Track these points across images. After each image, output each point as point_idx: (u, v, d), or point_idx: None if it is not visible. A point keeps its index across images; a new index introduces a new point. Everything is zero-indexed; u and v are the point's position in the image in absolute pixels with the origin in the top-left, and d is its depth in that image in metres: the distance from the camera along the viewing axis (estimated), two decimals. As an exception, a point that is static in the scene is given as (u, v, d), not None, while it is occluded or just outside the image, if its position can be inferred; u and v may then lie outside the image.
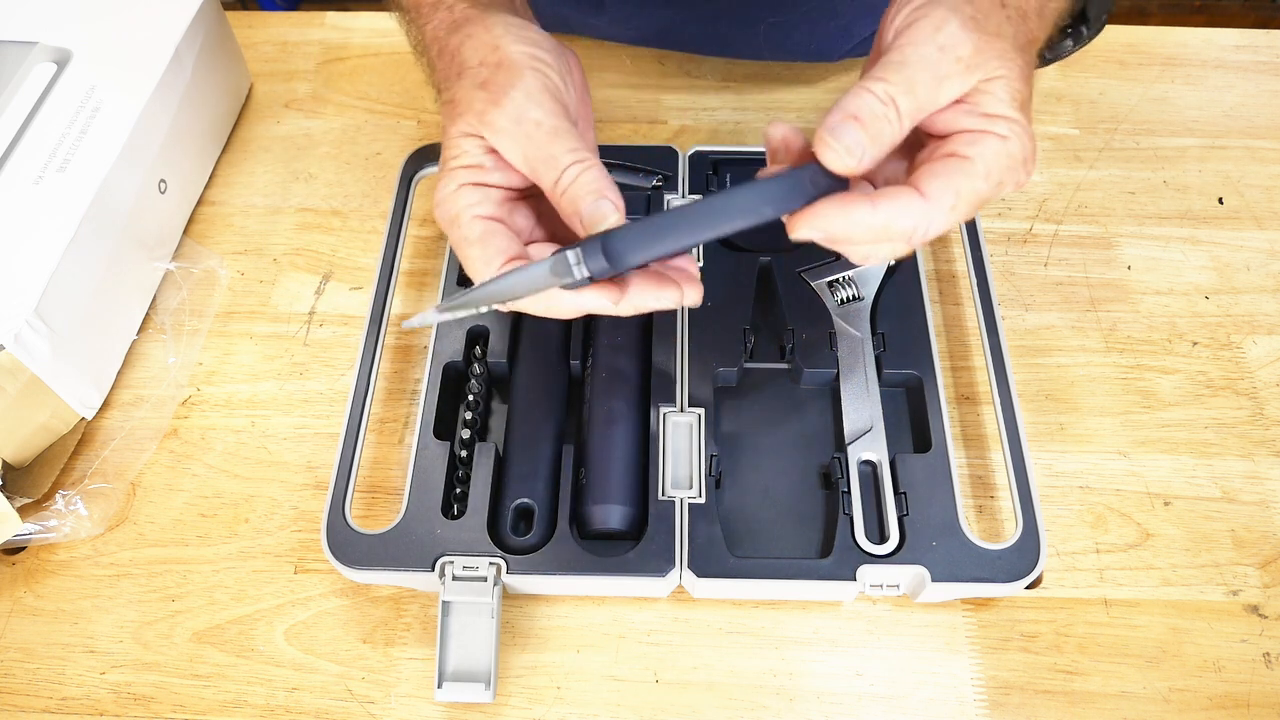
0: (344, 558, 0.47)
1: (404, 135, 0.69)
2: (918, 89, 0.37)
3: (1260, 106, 0.70)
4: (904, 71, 0.37)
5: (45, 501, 0.52)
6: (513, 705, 0.47)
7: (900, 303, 0.55)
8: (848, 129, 0.36)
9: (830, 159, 0.37)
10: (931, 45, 0.37)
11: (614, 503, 0.49)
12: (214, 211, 0.65)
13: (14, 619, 0.50)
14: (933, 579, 0.46)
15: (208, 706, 0.47)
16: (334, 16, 0.77)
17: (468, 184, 0.42)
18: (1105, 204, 0.65)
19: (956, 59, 0.37)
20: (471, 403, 0.53)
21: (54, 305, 0.50)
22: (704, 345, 0.54)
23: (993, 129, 0.38)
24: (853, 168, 0.37)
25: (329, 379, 0.58)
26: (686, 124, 0.69)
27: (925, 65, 0.37)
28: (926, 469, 0.49)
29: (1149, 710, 0.47)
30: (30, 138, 0.56)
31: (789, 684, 0.47)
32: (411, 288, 0.61)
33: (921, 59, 0.37)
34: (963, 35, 0.37)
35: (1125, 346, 0.58)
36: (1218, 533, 0.52)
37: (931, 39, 0.37)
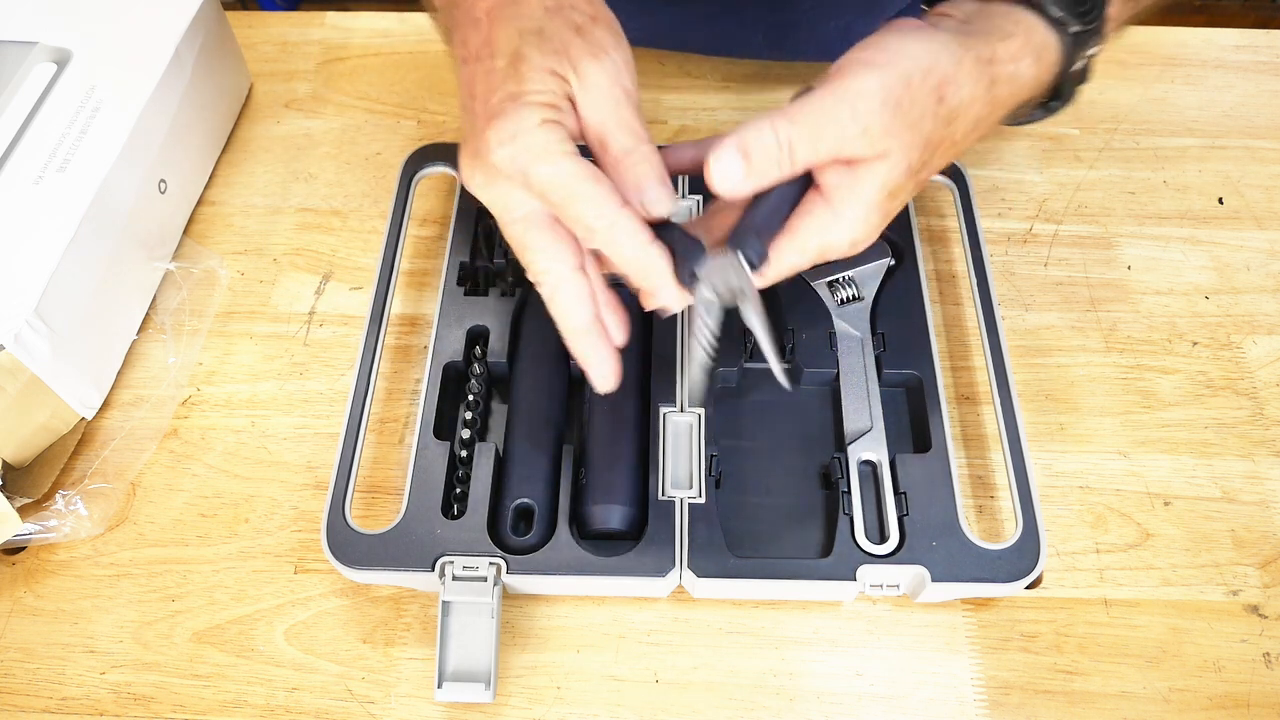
0: (344, 558, 0.47)
1: (404, 135, 0.69)
2: (820, 143, 0.38)
3: (1260, 106, 0.70)
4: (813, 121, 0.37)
5: (45, 501, 0.52)
6: (513, 705, 0.47)
7: (900, 303, 0.55)
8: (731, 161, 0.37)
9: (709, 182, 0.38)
10: (847, 107, 0.37)
11: (614, 503, 0.49)
12: (214, 211, 0.65)
13: (14, 619, 0.50)
14: (933, 579, 0.46)
15: (208, 706, 0.47)
16: (334, 16, 0.77)
17: (551, 121, 0.39)
18: (1105, 204, 0.65)
19: (864, 129, 0.37)
20: (471, 403, 0.53)
21: (54, 305, 0.50)
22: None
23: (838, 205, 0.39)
24: (726, 193, 0.38)
25: (329, 379, 0.58)
26: (686, 124, 0.69)
27: (834, 123, 0.37)
28: (926, 469, 0.49)
29: (1149, 710, 0.47)
30: (30, 138, 0.56)
31: (789, 684, 0.47)
32: (411, 288, 0.61)
33: (834, 116, 0.37)
34: (878, 112, 0.37)
35: (1125, 346, 0.58)
36: (1218, 533, 0.52)
37: (850, 102, 0.37)
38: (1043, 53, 0.42)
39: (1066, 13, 0.41)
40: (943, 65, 0.39)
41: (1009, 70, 0.41)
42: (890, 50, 0.38)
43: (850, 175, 0.39)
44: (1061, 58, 0.42)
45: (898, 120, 0.38)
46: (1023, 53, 0.41)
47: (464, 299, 0.56)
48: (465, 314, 0.55)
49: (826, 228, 0.40)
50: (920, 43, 0.39)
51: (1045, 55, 0.42)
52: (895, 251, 0.57)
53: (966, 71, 0.39)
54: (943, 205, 0.64)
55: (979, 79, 0.40)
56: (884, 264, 0.56)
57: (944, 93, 0.39)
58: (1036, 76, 0.42)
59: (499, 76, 0.40)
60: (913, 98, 0.38)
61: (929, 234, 0.63)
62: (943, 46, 0.39)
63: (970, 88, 0.40)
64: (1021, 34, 0.41)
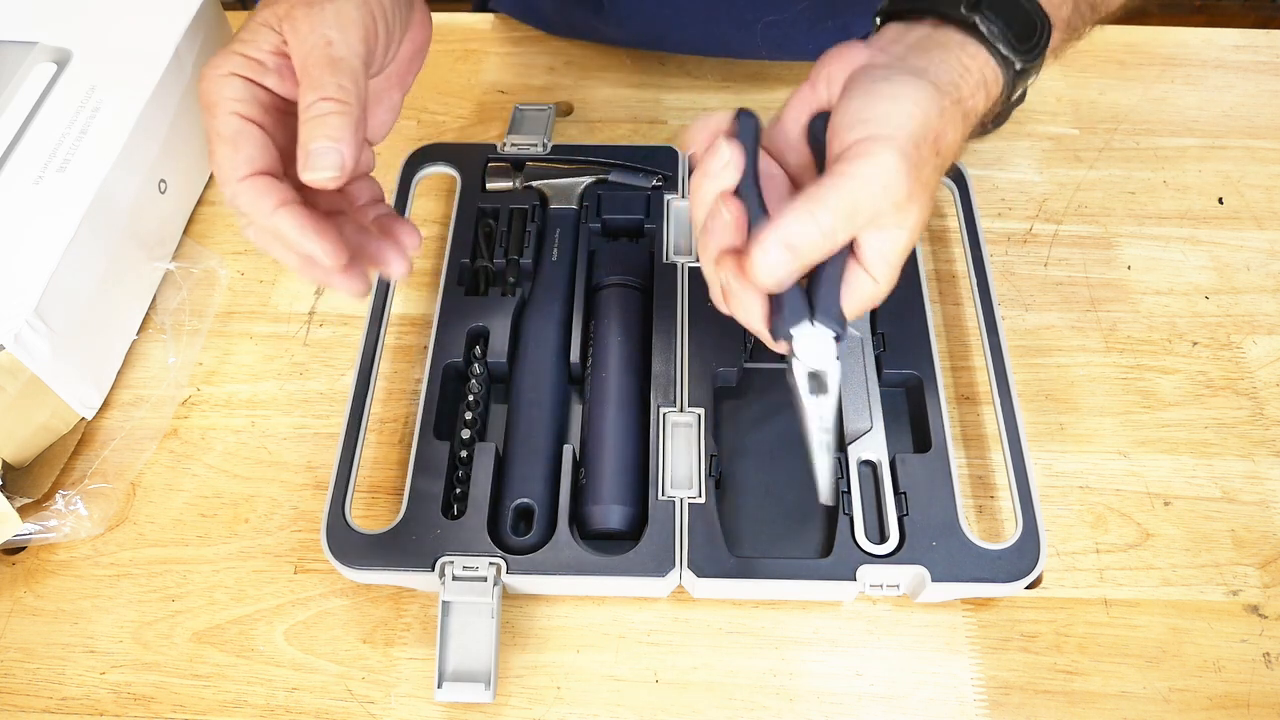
0: (344, 558, 0.47)
1: (404, 135, 0.69)
2: (856, 220, 0.38)
3: (1260, 106, 0.70)
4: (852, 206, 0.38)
5: (45, 501, 0.52)
6: (513, 705, 0.47)
7: (900, 303, 0.55)
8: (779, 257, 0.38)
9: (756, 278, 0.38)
10: (878, 185, 0.38)
11: (614, 503, 0.49)
12: (214, 211, 0.65)
13: (14, 619, 0.50)
14: (933, 579, 0.46)
15: (208, 706, 0.47)
16: (334, 16, 0.76)
17: (238, 75, 0.40)
18: (1105, 204, 0.65)
19: (894, 203, 0.39)
20: (471, 403, 0.53)
21: (54, 305, 0.50)
22: (704, 345, 0.54)
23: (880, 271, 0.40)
24: (772, 288, 0.39)
25: (329, 379, 0.58)
26: (686, 124, 0.69)
27: (869, 202, 0.38)
28: (926, 469, 0.49)
29: (1149, 710, 0.47)
30: (30, 138, 0.56)
31: (789, 684, 0.47)
32: (411, 288, 0.61)
33: (868, 197, 0.38)
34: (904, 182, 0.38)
35: (1125, 346, 0.58)
36: (1218, 533, 0.52)
37: (879, 179, 0.38)
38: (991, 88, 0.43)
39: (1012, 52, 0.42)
40: (933, 120, 0.40)
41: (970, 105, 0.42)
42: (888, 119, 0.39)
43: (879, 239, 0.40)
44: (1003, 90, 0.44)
45: (916, 185, 0.39)
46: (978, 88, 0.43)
47: (464, 299, 0.56)
48: (465, 314, 0.55)
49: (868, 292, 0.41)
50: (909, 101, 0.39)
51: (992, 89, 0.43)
52: (895, 251, 0.57)
53: (949, 118, 0.41)
54: (943, 205, 0.64)
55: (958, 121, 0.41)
56: (884, 264, 0.56)
57: (939, 146, 0.40)
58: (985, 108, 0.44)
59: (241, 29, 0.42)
60: (921, 159, 0.39)
61: (929, 234, 0.63)
62: (929, 100, 0.40)
63: (954, 132, 0.41)
64: (976, 68, 0.42)
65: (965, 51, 0.42)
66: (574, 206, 0.60)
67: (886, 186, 0.38)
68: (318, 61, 0.39)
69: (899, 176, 0.38)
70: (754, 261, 0.38)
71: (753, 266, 0.38)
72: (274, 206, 0.39)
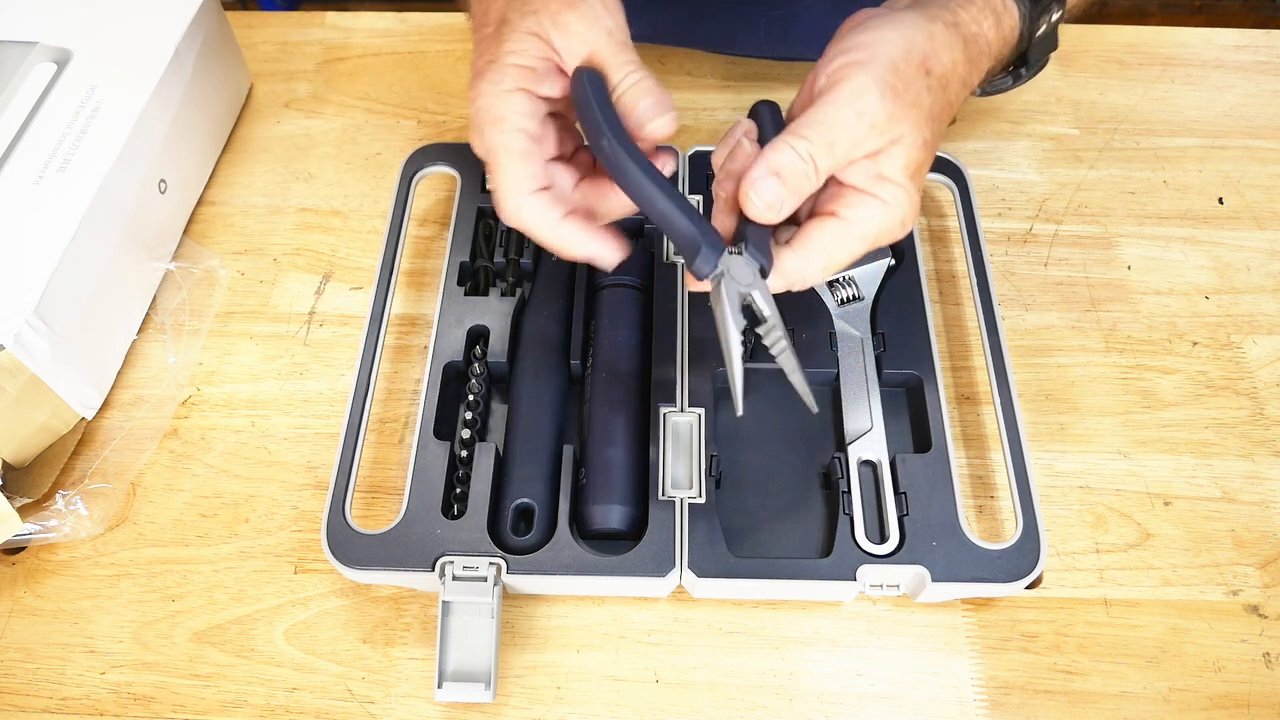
0: (344, 558, 0.47)
1: (404, 135, 0.69)
2: (836, 148, 0.40)
3: (1260, 106, 0.70)
4: (824, 132, 0.40)
5: (45, 501, 0.52)
6: (513, 705, 0.47)
7: (900, 303, 0.55)
8: (770, 185, 0.40)
9: (753, 212, 0.40)
10: (851, 110, 0.40)
11: (614, 503, 0.49)
12: (214, 211, 0.65)
13: (14, 619, 0.50)
14: (933, 579, 0.46)
15: (208, 706, 0.47)
16: (334, 16, 0.77)
17: (522, 88, 0.42)
18: (1105, 204, 0.65)
19: (871, 125, 0.40)
20: (471, 403, 0.53)
21: (54, 305, 0.50)
22: (704, 345, 0.54)
23: (878, 193, 0.41)
24: (771, 220, 0.40)
25: (329, 379, 0.58)
26: (686, 124, 0.69)
27: (844, 128, 0.40)
28: (926, 469, 0.49)
29: (1149, 710, 0.47)
30: (30, 138, 0.56)
31: (789, 684, 0.47)
32: (411, 287, 0.61)
33: (842, 122, 0.40)
34: (880, 104, 0.40)
35: (1125, 346, 0.58)
36: (1218, 533, 0.52)
37: (851, 104, 0.40)
38: (1002, 15, 0.44)
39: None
40: (919, 42, 0.41)
41: (974, 30, 0.43)
42: (869, 45, 0.40)
43: (875, 166, 0.41)
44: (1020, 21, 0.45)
45: (899, 105, 0.40)
46: (982, 14, 0.44)
47: (464, 299, 0.56)
48: (465, 314, 0.55)
49: (873, 213, 0.41)
50: (892, 29, 0.41)
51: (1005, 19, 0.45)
52: (895, 251, 0.57)
53: (940, 41, 0.42)
54: (943, 205, 0.64)
55: (953, 43, 0.42)
56: (884, 264, 0.56)
57: (929, 66, 0.41)
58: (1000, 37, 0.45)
59: (488, 42, 0.44)
60: (905, 81, 0.40)
61: (929, 234, 0.63)
62: (913, 25, 0.41)
63: (949, 53, 0.42)
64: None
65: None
66: (574, 206, 0.60)
67: (861, 111, 0.39)
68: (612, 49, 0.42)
69: (874, 97, 0.39)
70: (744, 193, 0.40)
71: (744, 198, 0.40)
72: (559, 219, 0.43)
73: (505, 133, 0.42)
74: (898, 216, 0.42)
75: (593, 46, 0.42)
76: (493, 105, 0.42)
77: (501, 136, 0.42)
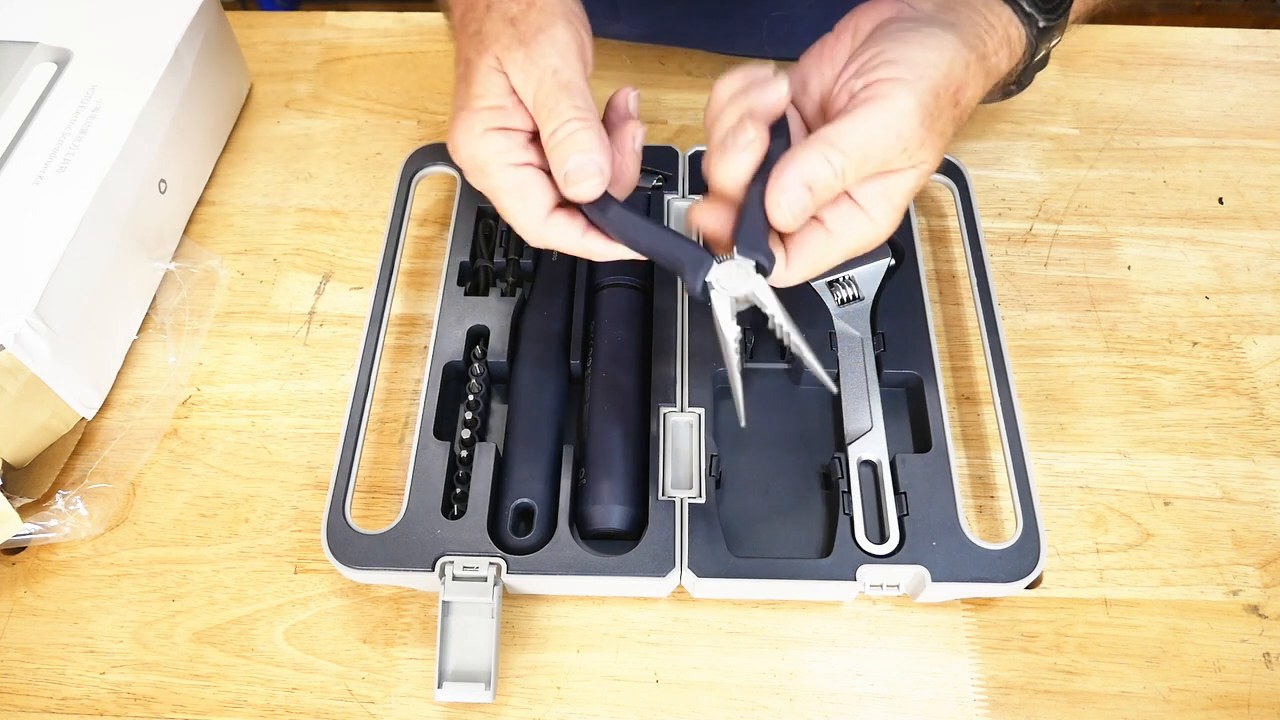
0: (344, 558, 0.47)
1: (404, 135, 0.69)
2: (866, 164, 0.39)
3: (1260, 106, 0.70)
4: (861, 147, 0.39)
5: (45, 501, 0.52)
6: (513, 705, 0.47)
7: (900, 303, 0.55)
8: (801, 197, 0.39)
9: (779, 219, 0.39)
10: (892, 130, 0.39)
11: (614, 503, 0.49)
12: (214, 211, 0.65)
13: (14, 619, 0.50)
14: (933, 579, 0.46)
15: (208, 706, 0.47)
16: (334, 16, 0.77)
17: (493, 128, 0.42)
18: (1105, 204, 0.65)
19: (904, 148, 0.39)
20: (471, 403, 0.53)
21: (54, 305, 0.50)
22: (704, 345, 0.54)
23: (872, 211, 0.41)
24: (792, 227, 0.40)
25: (329, 379, 0.58)
26: (686, 124, 0.69)
27: (880, 146, 0.39)
28: (926, 469, 0.49)
29: (1149, 710, 0.47)
30: (30, 138, 0.56)
31: (789, 684, 0.47)
32: (411, 288, 0.61)
33: (880, 141, 0.39)
34: (917, 128, 0.39)
35: (1125, 346, 0.58)
36: (1218, 533, 0.52)
37: (894, 124, 0.39)
38: (1015, 46, 0.44)
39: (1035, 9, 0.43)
40: (957, 71, 0.40)
41: (993, 63, 0.43)
42: (913, 64, 0.40)
43: (884, 184, 0.41)
44: (1027, 49, 0.45)
45: (930, 132, 0.40)
46: (1001, 46, 0.44)
47: (464, 299, 0.56)
48: (465, 314, 0.55)
49: (860, 230, 0.41)
50: (935, 50, 0.40)
51: (1015, 48, 0.44)
52: (895, 251, 0.57)
53: (973, 73, 0.41)
54: (943, 205, 0.64)
55: (980, 77, 0.42)
56: (884, 264, 0.56)
57: (959, 97, 0.41)
58: (1008, 67, 0.45)
59: (460, 84, 0.44)
60: (940, 107, 0.40)
61: (929, 234, 0.63)
62: (954, 51, 0.40)
63: (974, 87, 0.42)
64: (1000, 26, 0.43)
65: (990, 9, 0.43)
66: (574, 206, 0.60)
67: (900, 132, 0.39)
68: (549, 91, 0.41)
69: (914, 122, 0.39)
70: (773, 200, 0.39)
71: (772, 205, 0.39)
72: (581, 234, 0.43)
73: (494, 176, 0.42)
74: (879, 235, 0.42)
75: (535, 89, 0.41)
76: (474, 155, 0.42)
77: (493, 180, 0.42)
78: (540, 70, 0.41)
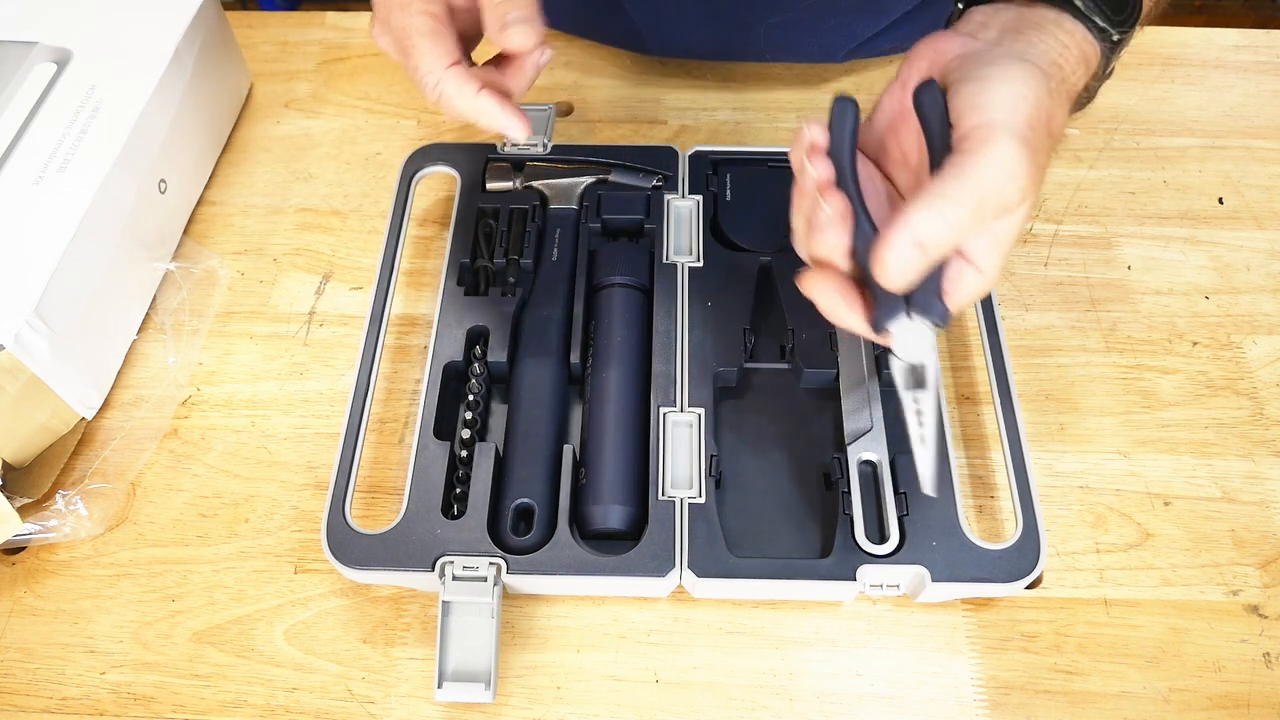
0: (344, 558, 0.47)
1: (404, 135, 0.69)
2: (984, 212, 0.37)
3: (1260, 106, 0.70)
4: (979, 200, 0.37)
5: (45, 501, 0.52)
6: (513, 705, 0.47)
7: (900, 303, 0.55)
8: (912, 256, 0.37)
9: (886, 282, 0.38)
10: (1004, 171, 0.37)
11: (614, 503, 0.49)
12: (214, 211, 0.65)
13: (14, 619, 0.50)
14: (933, 579, 0.46)
15: (208, 706, 0.47)
16: (334, 16, 0.77)
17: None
18: (1105, 204, 0.65)
19: (1019, 189, 0.37)
20: (471, 403, 0.53)
21: (54, 305, 0.50)
22: (704, 345, 0.54)
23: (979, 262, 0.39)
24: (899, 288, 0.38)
25: (329, 379, 0.58)
26: (686, 124, 0.69)
27: (996, 192, 0.37)
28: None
29: (1149, 710, 0.47)
30: (30, 138, 0.56)
31: (789, 684, 0.47)
32: (411, 287, 0.61)
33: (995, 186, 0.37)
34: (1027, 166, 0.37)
35: (1125, 346, 0.58)
36: (1218, 533, 0.52)
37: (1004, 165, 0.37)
38: (1090, 62, 0.42)
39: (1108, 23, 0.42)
40: (1044, 101, 0.39)
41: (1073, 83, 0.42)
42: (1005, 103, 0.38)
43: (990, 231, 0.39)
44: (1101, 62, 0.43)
45: (1034, 168, 0.38)
46: (1079, 64, 0.42)
47: (464, 299, 0.56)
48: (465, 314, 0.55)
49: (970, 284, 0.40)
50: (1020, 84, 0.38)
51: (1091, 64, 0.43)
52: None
53: (1058, 99, 0.40)
54: (943, 205, 0.64)
55: (1064, 101, 0.41)
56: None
57: (1052, 127, 0.39)
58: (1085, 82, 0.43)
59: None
60: (1038, 142, 0.38)
61: (929, 234, 0.63)
62: (1038, 81, 0.39)
63: (1062, 113, 0.40)
64: (1075, 45, 0.41)
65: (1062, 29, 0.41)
66: (574, 206, 0.60)
67: (1012, 175, 0.37)
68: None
69: (1022, 163, 0.37)
70: (884, 262, 0.37)
71: (882, 267, 0.37)
72: (476, 91, 0.44)
73: (413, 16, 0.44)
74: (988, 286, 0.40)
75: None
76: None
77: (410, 19, 0.44)
78: None
